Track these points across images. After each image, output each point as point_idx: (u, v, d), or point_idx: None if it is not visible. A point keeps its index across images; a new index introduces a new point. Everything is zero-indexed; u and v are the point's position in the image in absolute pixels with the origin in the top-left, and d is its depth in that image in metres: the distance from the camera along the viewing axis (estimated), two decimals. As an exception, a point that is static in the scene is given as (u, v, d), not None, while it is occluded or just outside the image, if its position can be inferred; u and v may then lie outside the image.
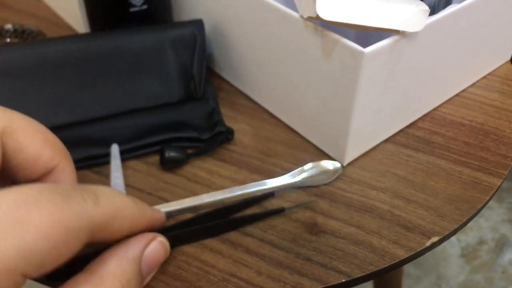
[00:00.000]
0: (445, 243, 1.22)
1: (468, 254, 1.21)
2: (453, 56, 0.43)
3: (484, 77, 0.50)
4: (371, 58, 0.34)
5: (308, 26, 0.36)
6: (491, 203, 1.30)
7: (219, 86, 0.49)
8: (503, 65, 0.52)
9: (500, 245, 1.24)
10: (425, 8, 0.35)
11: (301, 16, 0.37)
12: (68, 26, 0.57)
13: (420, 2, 0.35)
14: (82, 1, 0.51)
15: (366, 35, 0.45)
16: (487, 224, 1.27)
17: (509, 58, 0.53)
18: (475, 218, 1.21)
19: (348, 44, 0.34)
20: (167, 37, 0.43)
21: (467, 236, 1.25)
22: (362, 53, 0.33)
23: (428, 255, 1.19)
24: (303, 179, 0.38)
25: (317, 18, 0.34)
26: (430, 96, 0.45)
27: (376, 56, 0.34)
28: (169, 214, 0.34)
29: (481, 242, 1.24)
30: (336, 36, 0.34)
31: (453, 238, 1.24)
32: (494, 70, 0.51)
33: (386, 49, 0.34)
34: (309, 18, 0.36)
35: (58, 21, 0.58)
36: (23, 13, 0.59)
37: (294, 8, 0.37)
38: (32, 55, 0.40)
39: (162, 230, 0.29)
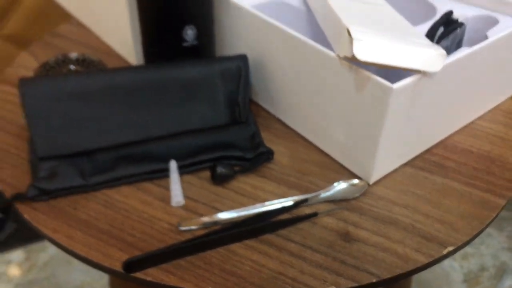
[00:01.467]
0: (448, 269, 1.27)
1: (470, 280, 1.26)
2: (464, 92, 0.49)
3: (489, 111, 0.57)
4: (398, 93, 0.40)
5: (343, 64, 0.43)
6: (492, 231, 1.35)
7: (257, 113, 0.55)
8: (506, 100, 0.59)
9: (501, 272, 1.28)
10: (443, 52, 0.41)
11: (337, 55, 0.43)
12: (118, 55, 0.64)
13: (438, 46, 0.42)
14: (138, 36, 0.58)
15: (386, 70, 0.51)
16: (488, 252, 1.32)
17: (511, 94, 0.60)
18: (477, 246, 1.26)
19: (379, 81, 0.40)
20: (217, 69, 0.50)
21: (469, 263, 1.30)
22: (391, 88, 0.40)
23: (432, 280, 1.24)
24: (334, 193, 0.45)
25: (352, 58, 0.41)
26: (444, 126, 0.51)
27: (402, 91, 0.41)
28: (227, 221, 0.40)
29: (483, 268, 1.29)
30: (368, 74, 0.41)
31: (456, 264, 1.29)
32: (498, 105, 0.58)
33: (410, 85, 0.41)
34: (345, 57, 0.43)
35: (108, 50, 0.65)
36: (77, 42, 0.66)
37: (317, 38, 0.44)
38: (103, 82, 0.47)
39: (217, 231, 0.35)
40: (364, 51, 0.40)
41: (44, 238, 0.41)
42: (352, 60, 0.41)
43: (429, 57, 0.41)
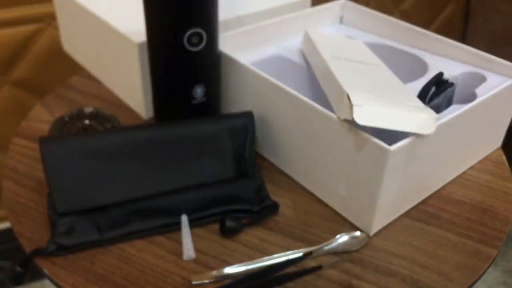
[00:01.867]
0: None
1: (467, 315, 1.27)
2: (455, 147, 0.53)
3: (480, 161, 0.60)
4: (395, 154, 0.44)
5: (344, 125, 0.46)
6: (487, 265, 1.37)
7: (262, 164, 0.58)
8: (495, 151, 0.62)
9: (497, 306, 1.30)
10: (435, 116, 0.45)
11: (338, 118, 0.47)
12: (128, 108, 0.67)
13: (431, 110, 0.46)
14: (149, 92, 0.61)
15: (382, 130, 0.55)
16: (483, 287, 1.34)
17: (499, 145, 0.63)
18: (473, 280, 1.27)
19: (377, 143, 0.44)
20: (225, 126, 0.53)
21: (465, 297, 1.31)
22: (388, 150, 0.43)
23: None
24: (337, 245, 0.47)
25: (352, 121, 0.44)
26: (438, 178, 0.54)
27: (399, 152, 0.44)
28: (234, 275, 0.43)
29: (479, 303, 1.30)
30: (367, 136, 0.44)
31: (452, 299, 1.31)
32: (488, 155, 0.62)
33: (406, 146, 0.44)
34: (345, 120, 0.46)
35: (119, 102, 0.68)
36: (88, 95, 0.70)
37: (315, 97, 0.48)
38: (117, 140, 0.50)
39: (227, 285, 0.37)
40: (363, 116, 0.43)
41: (63, 292, 0.44)
42: (352, 123, 0.45)
43: (422, 121, 0.45)
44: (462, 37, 1.52)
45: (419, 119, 0.45)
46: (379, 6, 1.29)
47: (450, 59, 0.63)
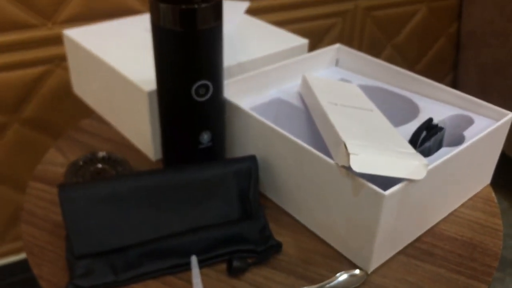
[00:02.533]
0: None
1: None
2: (446, 187, 0.57)
3: (470, 199, 0.64)
4: (389, 198, 0.47)
5: (342, 171, 0.50)
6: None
7: (265, 203, 0.62)
8: (484, 188, 0.66)
9: (497, 333, 1.31)
10: (426, 162, 0.49)
11: (336, 164, 0.50)
12: (137, 149, 0.71)
13: (422, 157, 0.50)
14: (158, 136, 0.65)
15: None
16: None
17: (489, 182, 0.67)
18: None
19: (373, 188, 0.47)
20: (230, 170, 0.57)
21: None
22: (383, 195, 0.47)
23: None
24: (337, 283, 0.50)
25: (349, 167, 0.48)
26: (431, 217, 0.58)
27: (393, 196, 0.48)
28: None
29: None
30: (363, 181, 0.48)
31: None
32: (478, 192, 0.65)
33: (400, 191, 0.48)
34: (343, 166, 0.50)
35: (129, 144, 0.72)
36: (99, 137, 0.73)
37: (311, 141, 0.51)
38: (130, 186, 0.53)
39: None
40: (360, 164, 0.47)
41: (81, 333, 0.46)
42: (349, 169, 0.49)
43: (414, 167, 0.48)
44: (454, 69, 1.57)
45: (410, 165, 0.48)
46: (373, 41, 1.35)
47: (440, 101, 0.67)
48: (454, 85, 1.59)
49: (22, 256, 1.13)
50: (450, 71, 1.58)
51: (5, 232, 1.09)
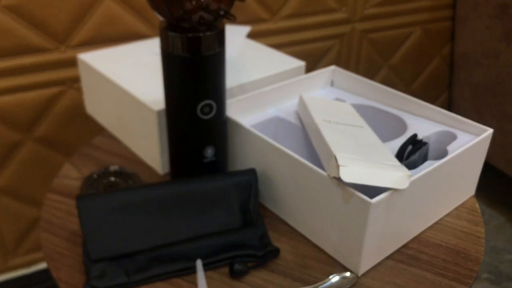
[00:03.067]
0: None
1: None
2: (431, 198, 0.62)
3: (455, 208, 0.69)
4: (376, 206, 0.52)
5: (333, 182, 0.55)
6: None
7: (264, 213, 0.67)
8: (469, 198, 0.71)
9: None
10: (409, 173, 0.54)
11: (328, 175, 0.56)
12: (146, 164, 0.76)
13: (405, 169, 0.55)
14: (165, 152, 0.71)
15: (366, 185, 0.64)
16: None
17: (473, 193, 0.72)
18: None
19: (360, 197, 0.52)
20: (232, 182, 0.62)
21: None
22: (370, 203, 0.52)
23: None
24: (329, 285, 0.55)
25: (340, 178, 0.53)
26: (417, 225, 0.63)
27: (379, 204, 0.53)
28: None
29: None
30: (352, 190, 0.53)
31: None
32: (463, 203, 0.70)
33: (385, 199, 0.53)
34: (334, 177, 0.55)
35: (138, 160, 0.77)
36: (110, 153, 0.79)
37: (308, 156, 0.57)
38: (141, 197, 0.59)
39: None
40: (348, 175, 0.52)
41: (97, 329, 0.51)
42: (340, 180, 0.54)
43: (398, 178, 0.53)
44: (449, 88, 1.63)
45: (395, 176, 0.54)
46: (369, 62, 1.41)
47: (426, 118, 0.73)
48: (449, 104, 1.65)
49: (33, 269, 1.18)
50: (445, 90, 1.63)
51: (18, 246, 1.13)
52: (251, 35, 1.17)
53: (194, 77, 0.59)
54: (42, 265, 1.19)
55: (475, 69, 1.46)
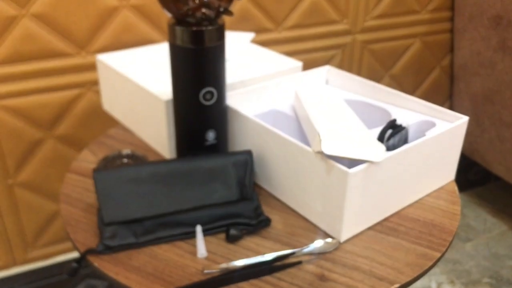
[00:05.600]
0: None
1: None
2: (409, 176, 0.68)
3: (436, 190, 0.75)
4: (354, 175, 0.59)
5: (317, 156, 0.62)
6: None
7: (259, 191, 0.74)
8: (449, 182, 0.77)
9: None
10: (383, 148, 0.61)
11: (313, 150, 0.63)
12: (155, 151, 0.84)
13: (381, 144, 0.62)
14: (172, 138, 0.79)
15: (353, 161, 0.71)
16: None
17: (453, 178, 0.78)
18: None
19: (340, 167, 0.59)
20: (230, 160, 0.70)
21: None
22: (348, 172, 0.59)
23: None
24: (314, 248, 0.62)
25: (322, 152, 0.60)
26: (397, 201, 0.69)
27: (357, 174, 0.60)
28: (238, 267, 0.58)
29: None
30: (333, 162, 0.60)
31: None
32: (443, 186, 0.76)
33: (362, 170, 0.60)
34: (317, 151, 0.62)
35: (148, 147, 0.86)
36: (124, 141, 0.87)
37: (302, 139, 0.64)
38: (149, 171, 0.67)
39: (230, 273, 0.52)
40: (329, 148, 0.60)
41: (108, 280, 0.58)
42: (323, 154, 0.61)
43: (373, 152, 0.60)
44: (450, 98, 1.69)
45: (370, 150, 0.61)
46: (370, 72, 1.49)
47: (410, 110, 0.80)
48: (449, 112, 1.70)
49: (50, 261, 1.26)
50: (446, 100, 1.70)
51: (37, 238, 1.22)
52: (257, 44, 1.25)
53: (197, 66, 0.67)
54: (60, 258, 1.27)
55: (473, 79, 1.52)
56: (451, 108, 1.69)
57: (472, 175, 1.79)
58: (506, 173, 1.51)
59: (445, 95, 1.68)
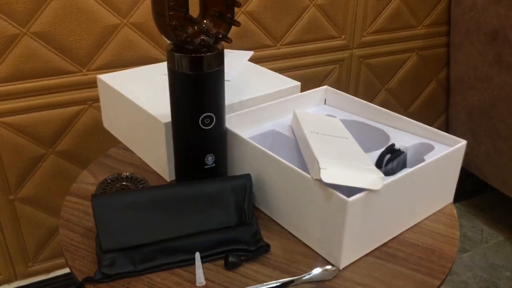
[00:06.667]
0: None
1: None
2: (408, 201, 0.68)
3: (434, 213, 0.75)
4: (353, 204, 0.59)
5: (316, 183, 0.63)
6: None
7: (258, 215, 0.74)
8: (447, 205, 0.77)
9: None
10: (382, 176, 0.61)
11: (312, 177, 0.63)
12: (154, 172, 0.84)
13: (379, 172, 0.62)
14: (171, 160, 0.79)
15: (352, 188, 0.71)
16: None
17: (451, 200, 0.78)
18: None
19: (339, 195, 0.60)
20: (229, 185, 0.70)
21: None
22: (347, 201, 0.59)
23: None
24: (312, 276, 0.62)
25: (321, 180, 0.60)
26: (395, 226, 0.69)
27: (356, 202, 0.60)
28: (234, 295, 0.57)
29: None
30: (332, 190, 0.60)
31: None
32: (441, 209, 0.76)
33: (361, 198, 0.60)
34: (316, 179, 0.62)
35: (147, 168, 0.86)
36: (123, 162, 0.87)
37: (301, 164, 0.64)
38: (149, 197, 0.66)
39: None
40: (328, 176, 0.60)
41: (106, 309, 0.58)
42: (322, 182, 0.61)
43: (372, 179, 0.61)
44: (446, 111, 1.70)
45: (369, 178, 0.61)
46: (368, 86, 1.49)
47: (408, 132, 0.80)
48: (446, 126, 1.71)
49: (51, 275, 1.25)
50: (442, 113, 1.70)
51: (37, 252, 1.21)
52: (257, 60, 1.26)
53: (197, 92, 0.68)
54: (60, 272, 1.26)
55: (469, 92, 1.53)
56: (447, 121, 1.70)
57: (468, 185, 1.79)
58: (502, 185, 1.51)
59: (441, 108, 1.69)
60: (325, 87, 0.92)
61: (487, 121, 1.49)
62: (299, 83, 0.94)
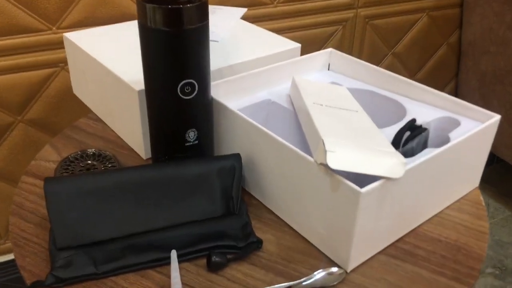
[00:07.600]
0: None
1: None
2: (430, 188, 0.57)
3: (457, 201, 0.64)
4: (366, 195, 0.47)
5: (320, 169, 0.51)
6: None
7: (249, 202, 0.62)
8: (472, 190, 0.66)
9: None
10: (404, 161, 0.49)
11: (315, 161, 0.51)
12: (129, 148, 0.72)
13: (400, 155, 0.50)
14: (147, 135, 0.66)
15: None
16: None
17: (477, 185, 0.67)
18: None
19: (349, 185, 0.48)
20: (214, 167, 0.58)
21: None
22: (360, 192, 0.47)
23: None
24: (314, 281, 0.51)
25: (327, 165, 0.48)
26: (414, 217, 0.58)
27: (370, 194, 0.48)
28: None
29: None
30: (340, 178, 0.48)
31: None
32: (465, 195, 0.65)
33: (377, 189, 0.48)
34: (321, 164, 0.50)
35: (121, 143, 0.73)
36: (93, 136, 0.75)
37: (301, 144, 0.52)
38: (115, 180, 0.54)
39: None
40: (336, 161, 0.48)
41: (59, 322, 0.47)
42: (327, 167, 0.49)
43: (391, 165, 0.49)
44: (456, 77, 1.57)
45: (388, 163, 0.49)
46: (373, 49, 1.35)
47: (428, 104, 0.68)
48: (456, 93, 1.59)
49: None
50: (452, 79, 1.57)
51: (8, 229, 1.11)
52: (251, 19, 1.12)
53: (174, 54, 0.54)
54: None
55: (483, 57, 1.40)
56: (456, 87, 1.57)
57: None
58: (514, 158, 1.40)
59: (451, 75, 1.56)
60: (329, 49, 0.79)
61: (500, 89, 1.36)
62: (299, 45, 0.80)
